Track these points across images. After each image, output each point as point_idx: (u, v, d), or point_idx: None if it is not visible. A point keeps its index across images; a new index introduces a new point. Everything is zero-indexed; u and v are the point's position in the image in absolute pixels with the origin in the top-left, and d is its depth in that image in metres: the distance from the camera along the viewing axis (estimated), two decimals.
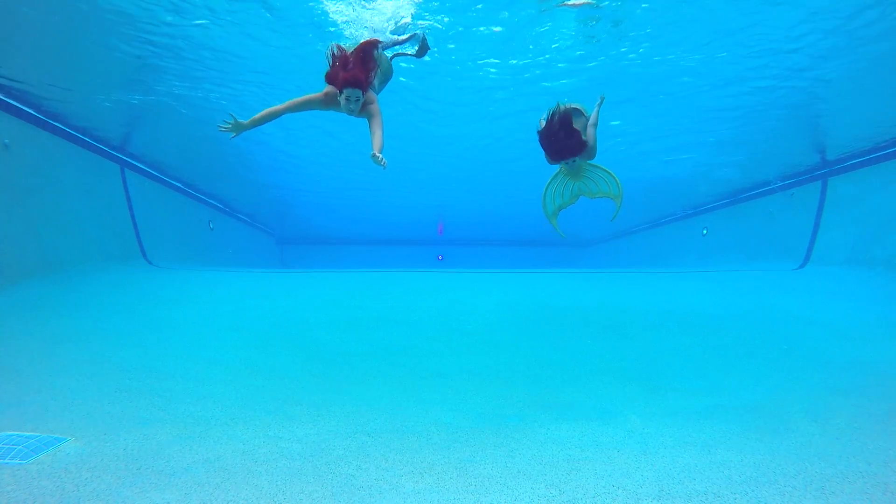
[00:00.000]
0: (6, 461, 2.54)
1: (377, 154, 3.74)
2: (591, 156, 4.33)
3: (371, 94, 4.02)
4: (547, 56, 7.22)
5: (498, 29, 6.63)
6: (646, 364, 4.55)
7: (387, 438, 3.00)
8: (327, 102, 4.04)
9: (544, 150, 4.20)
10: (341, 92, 3.78)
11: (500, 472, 2.56)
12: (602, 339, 5.29)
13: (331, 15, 6.25)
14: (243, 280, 8.82)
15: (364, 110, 4.01)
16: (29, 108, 7.48)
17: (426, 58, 6.18)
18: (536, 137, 4.43)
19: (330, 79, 4.00)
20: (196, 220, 13.12)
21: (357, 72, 3.75)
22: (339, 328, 5.67)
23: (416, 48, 5.82)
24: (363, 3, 6.00)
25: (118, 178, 9.75)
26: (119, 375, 3.96)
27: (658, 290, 7.99)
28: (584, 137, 4.11)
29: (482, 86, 8.18)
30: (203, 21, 6.14)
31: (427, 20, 6.42)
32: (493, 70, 7.69)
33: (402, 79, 7.98)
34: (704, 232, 13.65)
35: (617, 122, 9.33)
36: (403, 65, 7.42)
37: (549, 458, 2.71)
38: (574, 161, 4.16)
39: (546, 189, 4.67)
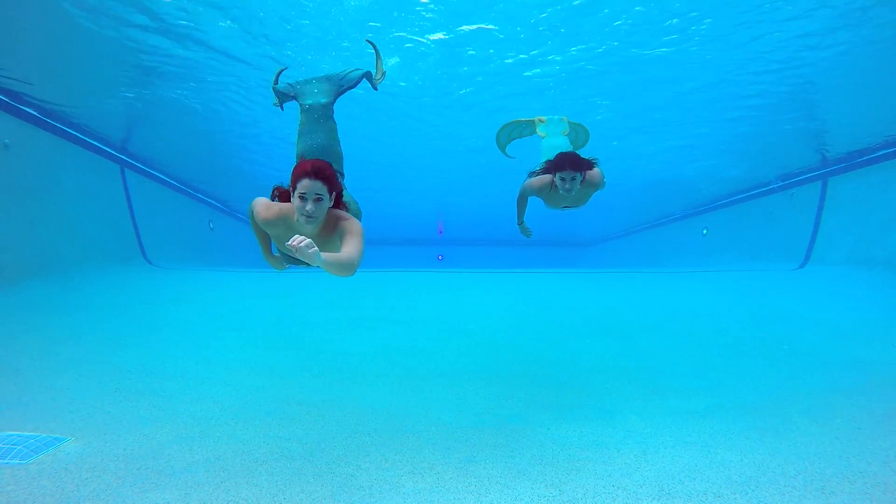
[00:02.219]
0: (6, 461, 2.54)
1: (323, 261, 2.25)
2: (598, 185, 3.77)
3: (340, 211, 2.77)
4: (545, 54, 7.23)
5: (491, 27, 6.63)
6: (646, 364, 4.55)
7: (387, 438, 3.00)
8: (267, 223, 2.78)
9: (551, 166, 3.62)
10: (294, 189, 2.51)
11: (500, 472, 2.56)
12: (602, 340, 5.29)
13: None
14: (243, 280, 8.82)
15: (335, 229, 2.68)
16: (29, 108, 7.48)
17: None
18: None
19: (279, 193, 2.85)
20: (196, 220, 13.12)
21: (325, 163, 2.56)
22: (339, 328, 5.67)
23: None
24: None
25: (118, 178, 9.75)
26: (119, 375, 3.96)
27: (658, 290, 7.99)
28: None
29: (476, 84, 8.18)
30: (204, 22, 6.15)
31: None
32: (485, 68, 7.69)
33: (401, 83, 7.99)
34: (704, 232, 13.64)
35: (612, 116, 9.30)
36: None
37: (549, 458, 2.71)
38: (575, 178, 3.51)
39: (503, 128, 4.73)
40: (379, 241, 20.77)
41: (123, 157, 9.92)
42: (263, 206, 2.81)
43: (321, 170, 2.51)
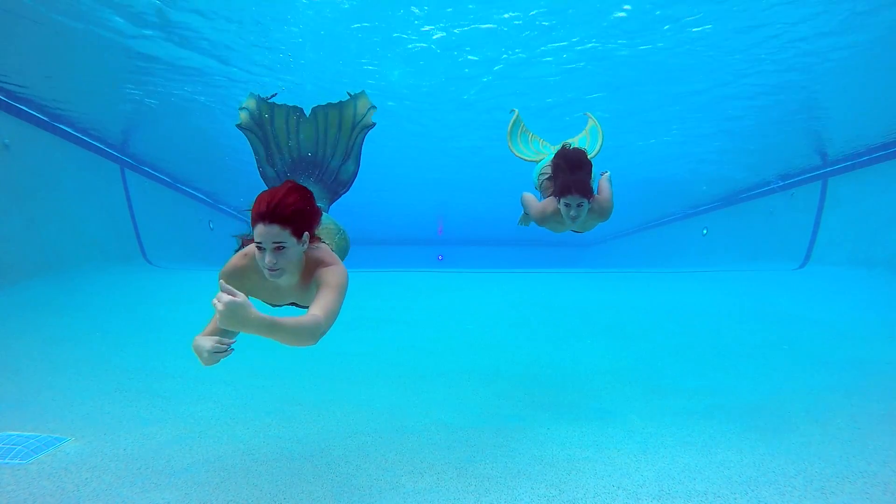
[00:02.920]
0: (6, 461, 2.54)
1: (271, 329, 1.66)
2: (606, 214, 3.24)
3: (322, 251, 2.14)
4: (545, 53, 7.24)
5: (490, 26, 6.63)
6: (646, 364, 4.54)
7: (386, 438, 3.00)
8: (234, 274, 2.17)
9: (557, 177, 2.97)
10: (253, 230, 1.92)
11: (500, 472, 2.56)
12: (602, 339, 5.29)
13: None
14: None
15: (312, 276, 2.07)
16: (29, 108, 7.48)
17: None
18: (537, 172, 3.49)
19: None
20: (196, 220, 13.12)
21: (286, 197, 1.90)
22: (338, 328, 5.66)
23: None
24: None
25: (118, 178, 9.75)
26: (119, 375, 3.96)
27: (658, 290, 7.99)
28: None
29: (476, 84, 8.18)
30: (202, 27, 6.15)
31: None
32: (484, 68, 7.69)
33: (390, 103, 7.98)
34: (704, 232, 13.65)
35: (612, 115, 9.30)
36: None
37: (549, 458, 2.71)
38: (582, 205, 2.91)
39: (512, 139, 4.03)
40: (379, 241, 20.80)
41: (123, 157, 9.92)
42: (232, 270, 2.17)
43: (278, 209, 1.86)
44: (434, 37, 6.87)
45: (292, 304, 2.40)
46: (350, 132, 3.21)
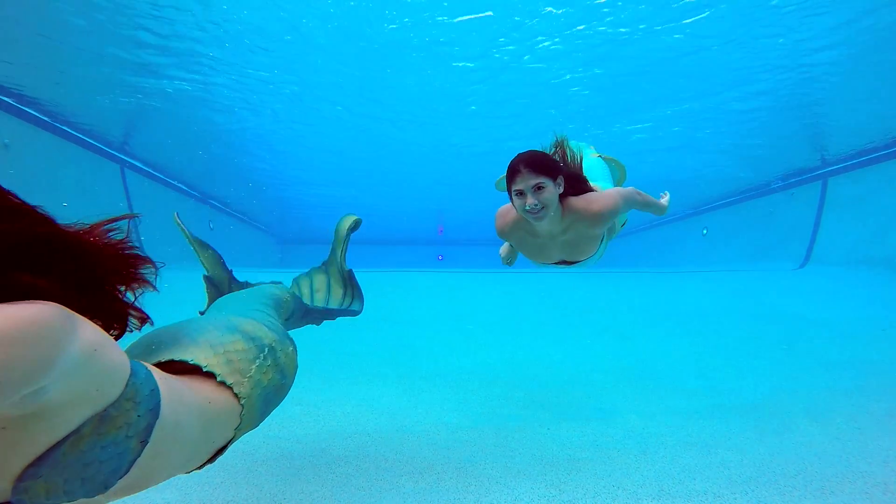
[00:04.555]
0: None
1: None
2: (604, 218, 2.31)
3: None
4: (547, 50, 7.24)
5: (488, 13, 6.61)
6: (646, 364, 4.55)
7: (386, 438, 3.00)
8: None
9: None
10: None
11: (500, 472, 2.56)
12: (602, 339, 5.29)
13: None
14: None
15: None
16: (29, 108, 7.48)
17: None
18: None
19: None
20: (196, 220, 13.11)
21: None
22: (339, 328, 5.67)
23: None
24: None
25: (118, 178, 9.75)
26: None
27: (658, 290, 8.00)
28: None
29: (475, 82, 8.18)
30: (204, 29, 6.15)
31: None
32: (484, 64, 7.69)
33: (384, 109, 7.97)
34: (704, 232, 13.65)
35: (612, 114, 9.31)
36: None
37: (549, 458, 2.71)
38: (541, 187, 2.03)
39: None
40: (379, 241, 20.79)
41: (123, 157, 9.92)
42: None
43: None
44: (433, 36, 6.86)
45: None
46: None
